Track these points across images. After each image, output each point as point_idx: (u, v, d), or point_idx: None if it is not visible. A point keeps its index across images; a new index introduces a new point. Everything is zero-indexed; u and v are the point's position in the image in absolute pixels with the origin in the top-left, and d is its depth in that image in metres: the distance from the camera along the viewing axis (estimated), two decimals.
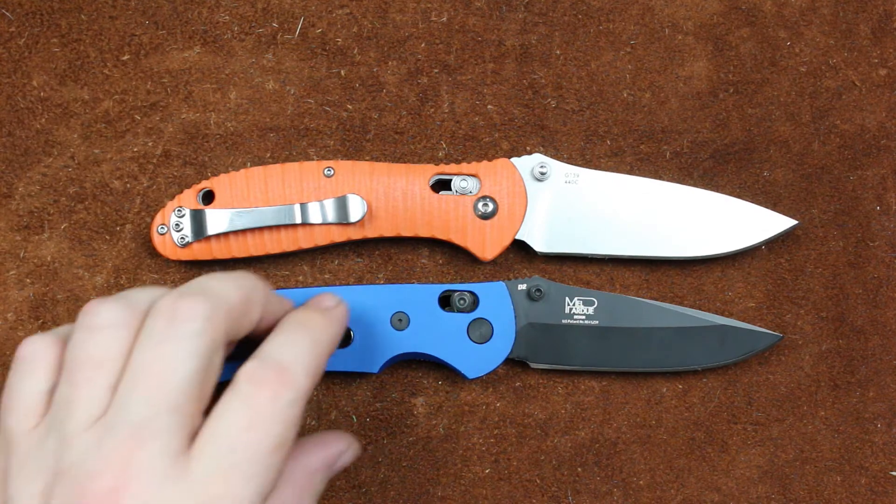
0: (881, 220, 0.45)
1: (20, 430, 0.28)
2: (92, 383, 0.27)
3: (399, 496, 0.42)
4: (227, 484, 0.26)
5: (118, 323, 0.28)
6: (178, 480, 0.26)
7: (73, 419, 0.27)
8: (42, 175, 0.42)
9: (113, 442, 0.26)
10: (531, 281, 0.41)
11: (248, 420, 0.27)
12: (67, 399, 0.27)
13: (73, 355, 0.28)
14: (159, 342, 0.27)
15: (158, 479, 0.25)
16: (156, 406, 0.26)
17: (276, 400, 0.28)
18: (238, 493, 0.26)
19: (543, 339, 0.41)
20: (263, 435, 0.27)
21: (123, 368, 0.27)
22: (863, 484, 0.43)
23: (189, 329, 0.27)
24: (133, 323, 0.28)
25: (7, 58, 0.43)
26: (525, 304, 0.41)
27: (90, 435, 0.26)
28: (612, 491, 0.42)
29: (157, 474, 0.25)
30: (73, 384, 0.27)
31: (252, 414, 0.27)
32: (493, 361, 0.40)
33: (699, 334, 0.41)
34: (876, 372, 0.44)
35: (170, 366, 0.27)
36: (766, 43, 0.46)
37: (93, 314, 0.28)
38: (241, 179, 0.41)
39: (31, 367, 0.29)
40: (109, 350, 0.27)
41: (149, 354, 0.27)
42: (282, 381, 0.28)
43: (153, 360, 0.27)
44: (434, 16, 0.45)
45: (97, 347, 0.27)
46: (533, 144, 0.44)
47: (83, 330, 0.28)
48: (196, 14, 0.44)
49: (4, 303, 0.41)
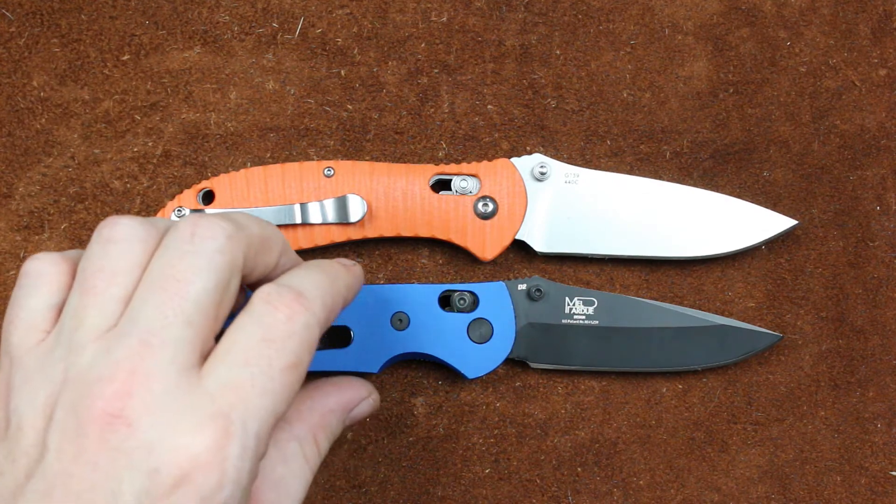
0: (881, 220, 0.45)
1: (25, 345, 0.27)
2: (104, 294, 0.27)
3: (399, 496, 0.42)
4: (239, 396, 0.26)
5: (135, 237, 0.27)
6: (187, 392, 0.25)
7: (82, 329, 0.26)
8: (42, 175, 0.42)
9: (122, 349, 0.25)
10: (531, 281, 0.41)
11: (262, 335, 0.27)
12: (78, 309, 0.27)
13: (86, 266, 0.27)
14: (178, 255, 0.27)
15: (167, 388, 0.25)
16: (169, 316, 0.26)
17: (291, 320, 0.27)
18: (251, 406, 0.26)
19: (543, 339, 0.41)
20: (277, 351, 0.27)
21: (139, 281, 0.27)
22: (863, 484, 0.43)
23: (209, 246, 0.27)
24: (150, 240, 0.28)
25: (7, 58, 0.43)
26: (525, 304, 0.41)
27: (100, 343, 0.26)
28: (612, 491, 0.42)
29: (165, 382, 0.25)
30: (85, 294, 0.27)
31: (266, 330, 0.27)
32: (493, 361, 0.40)
33: (699, 334, 0.41)
34: (876, 372, 0.44)
35: (187, 277, 0.26)
36: (766, 43, 0.46)
37: (111, 228, 0.28)
38: (241, 179, 0.41)
39: (38, 282, 0.28)
40: (124, 262, 0.27)
41: (166, 266, 0.27)
42: (298, 303, 0.28)
43: (170, 272, 0.26)
44: (434, 16, 0.45)
45: (112, 259, 0.27)
46: (533, 144, 0.44)
47: (99, 242, 0.27)
48: (196, 14, 0.44)
49: (4, 303, 0.41)
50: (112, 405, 0.25)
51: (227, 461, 0.25)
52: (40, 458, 0.25)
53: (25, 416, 0.26)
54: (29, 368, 0.27)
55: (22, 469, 0.25)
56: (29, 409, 0.26)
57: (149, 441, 0.24)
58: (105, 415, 0.24)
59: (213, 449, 0.25)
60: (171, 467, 0.24)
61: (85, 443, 0.24)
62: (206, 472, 0.25)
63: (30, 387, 0.26)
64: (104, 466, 0.24)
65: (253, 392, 0.26)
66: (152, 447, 0.24)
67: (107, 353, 0.25)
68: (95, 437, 0.24)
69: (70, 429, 0.25)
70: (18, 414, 0.26)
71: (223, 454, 0.25)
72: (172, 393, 0.25)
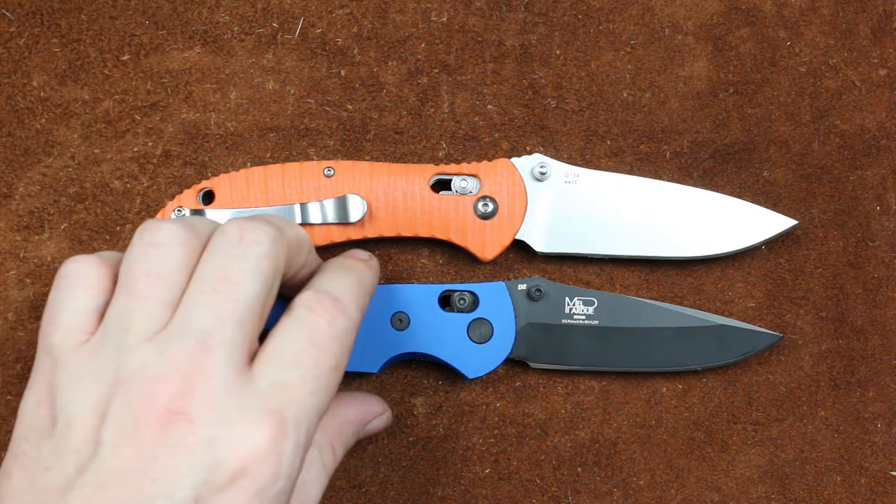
0: (881, 220, 0.45)
1: (67, 347, 0.28)
2: (152, 298, 0.27)
3: (399, 496, 0.42)
4: (290, 395, 0.27)
5: (178, 241, 0.28)
6: (241, 391, 0.26)
7: (132, 331, 0.27)
8: (42, 175, 0.42)
9: (179, 350, 0.26)
10: (531, 281, 0.41)
11: (308, 340, 0.28)
12: (125, 312, 0.27)
13: (131, 269, 0.28)
14: (229, 258, 0.28)
15: (223, 387, 0.26)
16: (223, 318, 0.27)
17: (333, 325, 0.29)
18: (302, 405, 0.27)
19: (543, 339, 0.41)
20: (322, 354, 0.28)
21: (184, 285, 0.28)
22: (863, 484, 0.43)
23: (258, 250, 0.28)
24: (193, 243, 0.29)
25: (7, 58, 0.43)
26: (525, 304, 0.41)
27: (152, 345, 0.27)
28: (612, 491, 0.42)
29: (222, 382, 0.26)
30: (132, 297, 0.27)
31: (312, 335, 0.28)
32: (493, 361, 0.40)
33: (699, 334, 0.41)
34: (876, 372, 0.44)
35: (238, 281, 0.27)
36: (766, 43, 0.46)
37: (154, 231, 0.28)
38: (241, 179, 0.41)
39: (78, 285, 0.29)
40: (170, 266, 0.28)
41: (217, 269, 0.28)
42: (337, 309, 0.29)
43: (221, 275, 0.27)
44: (434, 16, 0.45)
45: (157, 263, 0.28)
46: (533, 144, 0.44)
47: (144, 245, 0.28)
48: (196, 14, 0.44)
49: (4, 303, 0.42)
50: (173, 403, 0.26)
51: (281, 456, 0.26)
52: (93, 455, 0.26)
53: (75, 414, 0.26)
54: (75, 369, 0.27)
55: (72, 464, 0.26)
56: (79, 408, 0.26)
57: (209, 437, 0.26)
58: (166, 412, 0.25)
59: (270, 444, 0.26)
60: (232, 461, 0.26)
61: (144, 439, 0.25)
62: (263, 466, 0.26)
63: (78, 387, 0.27)
64: (164, 461, 0.25)
65: (303, 392, 0.27)
66: (213, 442, 0.25)
67: (162, 353, 0.26)
68: (155, 434, 0.25)
69: (127, 426, 0.26)
70: (67, 412, 0.26)
71: (278, 449, 0.26)
72: (229, 391, 0.26)
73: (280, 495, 0.27)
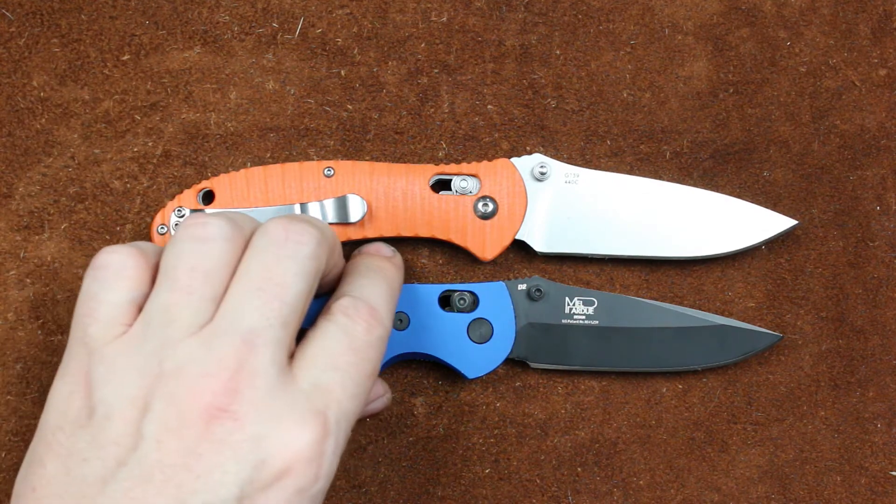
0: (881, 220, 0.45)
1: (105, 338, 0.28)
2: (198, 292, 0.27)
3: (399, 496, 0.42)
4: (332, 397, 0.27)
5: (226, 237, 0.28)
6: (285, 390, 0.27)
7: (176, 325, 0.27)
8: (42, 175, 0.42)
9: (225, 346, 0.26)
10: (531, 281, 0.41)
11: (348, 345, 0.29)
12: (170, 306, 0.27)
13: (176, 263, 0.28)
14: (275, 259, 0.28)
15: (268, 386, 0.26)
16: (269, 317, 0.27)
17: (370, 332, 0.30)
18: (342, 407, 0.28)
19: (543, 338, 0.41)
20: (361, 360, 0.29)
21: (227, 281, 0.28)
22: (863, 484, 0.43)
23: (303, 252, 0.28)
24: (237, 239, 0.29)
25: (7, 58, 0.43)
26: (525, 304, 0.41)
27: (198, 340, 0.27)
28: (612, 491, 0.42)
29: (267, 381, 0.26)
30: (178, 291, 0.27)
31: (351, 340, 0.29)
32: (493, 361, 0.40)
33: (699, 334, 0.41)
34: (876, 372, 0.44)
35: (285, 281, 0.28)
36: (766, 43, 0.46)
37: (200, 226, 0.28)
38: (241, 179, 0.41)
39: (117, 276, 0.29)
40: (217, 262, 0.28)
41: (264, 269, 0.28)
42: (373, 317, 0.30)
43: (268, 275, 0.28)
44: (434, 16, 0.45)
45: (205, 258, 0.28)
46: (533, 144, 0.44)
47: (187, 241, 0.28)
48: (196, 14, 0.44)
49: (4, 303, 0.42)
50: (219, 399, 0.26)
51: (323, 456, 0.27)
52: (134, 447, 0.26)
53: (115, 406, 0.26)
54: (114, 361, 0.27)
55: (112, 456, 0.26)
56: (119, 399, 0.26)
57: (255, 435, 0.26)
58: (212, 408, 0.26)
59: (314, 444, 0.26)
60: (277, 460, 0.26)
61: (188, 434, 0.25)
62: (306, 466, 0.26)
63: (118, 379, 0.27)
64: (208, 457, 0.25)
65: (343, 395, 0.28)
66: (259, 440, 0.26)
67: (209, 349, 0.26)
68: (200, 429, 0.25)
69: (171, 420, 0.26)
70: (106, 404, 0.26)
71: (321, 449, 0.27)
72: (274, 390, 0.26)
73: (318, 495, 0.27)
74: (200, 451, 0.25)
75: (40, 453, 0.27)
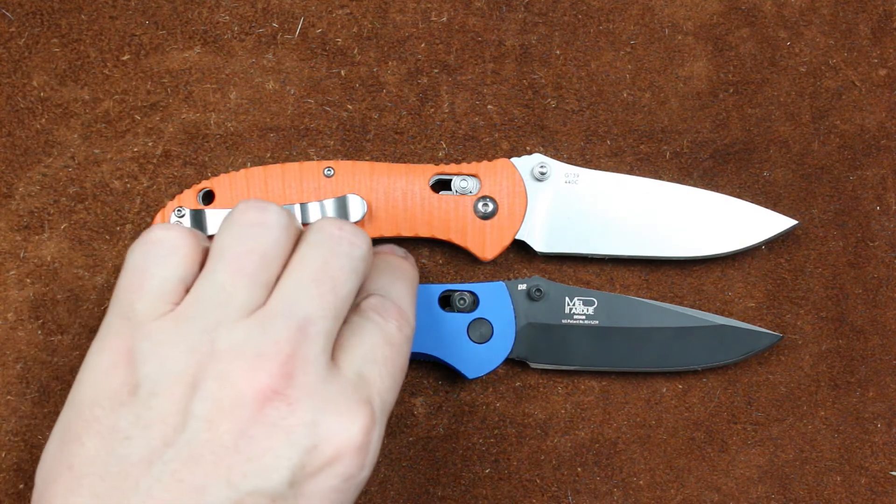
0: (881, 220, 0.45)
1: (152, 314, 0.27)
2: (255, 276, 0.28)
3: (399, 496, 0.42)
4: (374, 388, 0.28)
5: (282, 225, 0.29)
6: (334, 378, 0.27)
7: (231, 305, 0.27)
8: (42, 175, 0.42)
9: (282, 331, 0.26)
10: (531, 281, 0.41)
11: (385, 340, 0.30)
12: (226, 286, 0.27)
13: (234, 245, 0.28)
14: (332, 254, 0.29)
15: (320, 374, 0.27)
16: (325, 308, 0.27)
17: (401, 330, 0.31)
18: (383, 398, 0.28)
19: (543, 339, 0.41)
20: (396, 355, 0.30)
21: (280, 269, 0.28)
22: (863, 484, 0.43)
23: (358, 252, 0.29)
24: (293, 229, 0.29)
25: (7, 58, 0.43)
26: (525, 304, 0.41)
27: (254, 322, 0.27)
28: (612, 491, 0.42)
29: (319, 369, 0.27)
30: (235, 272, 0.27)
31: (387, 336, 0.30)
32: (493, 361, 0.40)
33: (699, 334, 0.41)
34: (876, 372, 0.44)
35: (340, 277, 0.28)
36: (766, 43, 0.46)
37: (259, 212, 0.29)
38: (241, 179, 0.41)
39: (169, 253, 0.28)
40: (275, 248, 0.28)
41: (322, 262, 0.28)
42: (402, 318, 0.31)
43: (326, 268, 0.28)
44: (434, 16, 0.45)
45: (264, 242, 0.28)
46: (533, 144, 0.44)
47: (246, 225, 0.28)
48: (196, 14, 0.44)
49: (4, 303, 0.42)
50: (275, 382, 0.26)
51: (370, 445, 0.27)
52: (182, 426, 0.25)
53: (161, 382, 0.26)
54: (162, 337, 0.27)
55: (157, 435, 0.25)
56: (166, 376, 0.26)
57: (309, 421, 0.26)
58: (267, 390, 0.25)
59: (363, 433, 0.27)
60: (328, 446, 0.26)
61: (241, 415, 0.25)
62: (355, 454, 0.26)
63: (166, 355, 0.26)
64: (261, 440, 0.25)
65: (383, 386, 0.29)
66: (313, 426, 0.26)
67: (263, 332, 0.26)
68: (253, 411, 0.25)
69: (224, 400, 0.25)
70: (153, 381, 0.26)
71: (369, 438, 0.27)
72: (325, 379, 0.27)
73: (361, 484, 0.27)
74: (252, 434, 0.25)
75: (77, 430, 0.26)
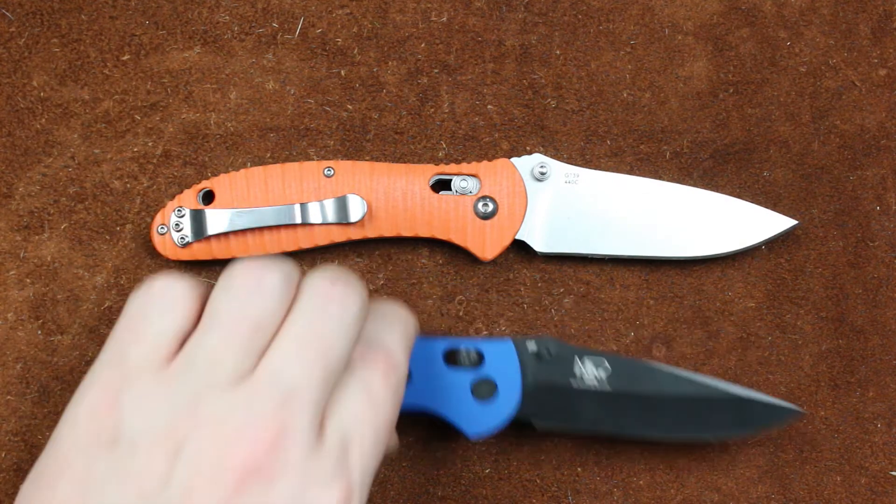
0: (881, 220, 0.45)
1: (144, 365, 0.27)
2: (246, 343, 0.27)
3: (399, 496, 0.42)
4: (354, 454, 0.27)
5: (281, 290, 0.28)
6: (317, 450, 0.26)
7: (219, 370, 0.26)
8: (42, 175, 0.42)
9: (267, 402, 0.26)
10: (541, 340, 0.39)
11: (366, 397, 0.28)
12: (217, 349, 0.27)
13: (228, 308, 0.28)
14: (321, 317, 0.28)
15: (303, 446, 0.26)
16: (312, 376, 0.27)
17: (387, 381, 0.29)
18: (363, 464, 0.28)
19: (551, 401, 0.39)
20: (379, 412, 0.29)
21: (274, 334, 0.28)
22: (863, 484, 0.43)
23: (349, 313, 0.28)
24: (290, 292, 0.29)
25: (7, 58, 0.43)
26: (533, 364, 0.39)
27: (241, 392, 0.26)
28: (612, 491, 0.42)
29: (303, 441, 0.26)
30: (226, 337, 0.27)
31: (369, 391, 0.29)
32: (496, 421, 0.38)
33: (716, 406, 0.39)
34: (876, 372, 0.44)
35: (330, 341, 0.27)
36: (766, 43, 0.46)
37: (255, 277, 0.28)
38: (241, 179, 0.41)
39: (170, 306, 0.28)
40: (269, 316, 0.28)
41: (309, 326, 0.28)
42: (389, 364, 0.30)
43: (313, 333, 0.27)
44: (434, 16, 0.45)
45: (258, 310, 0.28)
46: (533, 144, 0.44)
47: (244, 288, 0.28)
48: (196, 14, 0.44)
49: (4, 303, 0.42)
50: (257, 459, 0.25)
51: None
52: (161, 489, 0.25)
53: (142, 436, 0.26)
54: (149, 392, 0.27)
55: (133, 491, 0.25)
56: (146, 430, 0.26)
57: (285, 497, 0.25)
58: (249, 464, 0.25)
59: None
60: None
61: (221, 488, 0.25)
62: None
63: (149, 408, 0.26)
64: None
65: (364, 450, 0.28)
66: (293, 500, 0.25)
67: (249, 405, 0.26)
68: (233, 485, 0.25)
69: (205, 470, 0.25)
70: (134, 434, 0.26)
71: None
72: (307, 452, 0.26)
73: None
74: None
75: (53, 471, 0.26)
